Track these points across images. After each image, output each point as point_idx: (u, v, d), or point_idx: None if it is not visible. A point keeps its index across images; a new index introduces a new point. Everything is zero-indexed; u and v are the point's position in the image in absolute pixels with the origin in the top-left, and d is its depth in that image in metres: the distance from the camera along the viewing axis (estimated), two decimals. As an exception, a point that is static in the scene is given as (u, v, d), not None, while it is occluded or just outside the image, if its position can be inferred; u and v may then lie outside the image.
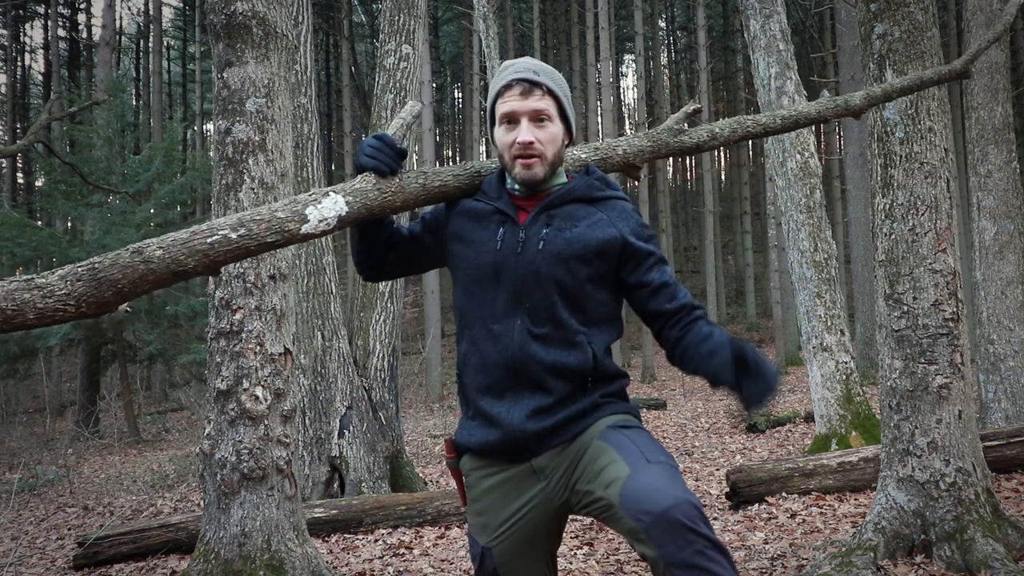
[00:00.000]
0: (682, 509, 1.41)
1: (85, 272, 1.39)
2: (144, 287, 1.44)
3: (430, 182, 1.73)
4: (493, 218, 1.73)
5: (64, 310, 1.37)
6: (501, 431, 1.66)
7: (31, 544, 5.75)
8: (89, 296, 1.38)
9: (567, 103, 1.75)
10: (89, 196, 13.08)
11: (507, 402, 1.66)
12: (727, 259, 32.03)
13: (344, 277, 19.14)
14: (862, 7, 3.70)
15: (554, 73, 1.75)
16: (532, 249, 1.67)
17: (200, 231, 1.49)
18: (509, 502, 1.70)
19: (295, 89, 5.92)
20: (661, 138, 1.87)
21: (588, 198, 1.73)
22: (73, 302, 1.37)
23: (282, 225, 1.54)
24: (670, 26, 37.21)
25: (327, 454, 5.93)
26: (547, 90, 1.70)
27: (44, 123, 9.23)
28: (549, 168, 1.72)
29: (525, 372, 1.65)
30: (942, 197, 3.54)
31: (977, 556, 3.19)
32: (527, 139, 1.67)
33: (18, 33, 31.71)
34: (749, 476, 5.21)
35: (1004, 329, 6.36)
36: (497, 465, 1.70)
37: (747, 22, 7.34)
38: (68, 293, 1.37)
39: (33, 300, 1.34)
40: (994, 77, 6.48)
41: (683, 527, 1.40)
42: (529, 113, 1.69)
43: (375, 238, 1.83)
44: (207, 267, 1.48)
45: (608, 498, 1.51)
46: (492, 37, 12.27)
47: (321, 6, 27.79)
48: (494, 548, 1.72)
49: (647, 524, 1.41)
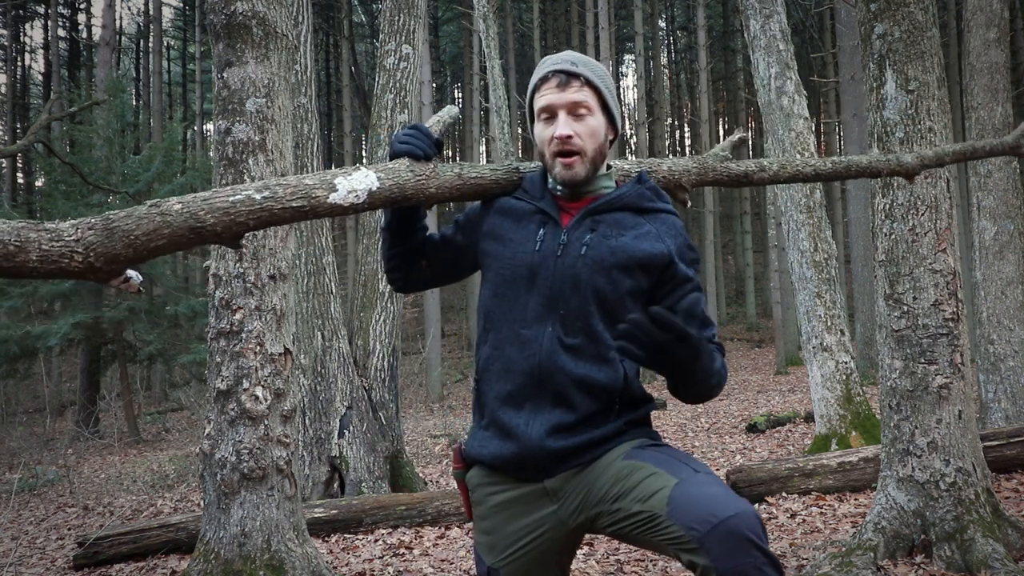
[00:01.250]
0: (746, 521, 1.32)
1: (98, 222, 1.31)
2: (159, 242, 1.33)
3: (466, 173, 1.65)
4: (534, 218, 1.63)
5: (71, 257, 1.27)
6: (517, 445, 1.55)
7: (31, 544, 5.75)
8: (99, 246, 1.28)
9: (609, 95, 1.64)
10: (89, 196, 13.08)
11: (526, 413, 1.55)
12: (727, 259, 32.02)
13: (344, 277, 19.15)
14: (862, 7, 3.70)
15: (595, 64, 1.65)
16: (574, 253, 1.57)
17: (223, 190, 1.42)
18: (519, 524, 1.59)
19: (295, 89, 5.93)
20: (707, 162, 1.81)
21: (638, 207, 1.63)
22: (81, 250, 1.27)
23: (309, 191, 1.46)
24: (670, 26, 37.21)
25: (327, 454, 5.93)
26: (585, 80, 1.61)
27: (44, 123, 9.23)
28: (591, 166, 1.62)
29: (550, 383, 1.54)
30: (942, 197, 3.54)
31: (977, 556, 3.19)
32: (565, 132, 1.58)
33: (18, 33, 31.72)
34: (749, 476, 5.21)
35: (1004, 329, 6.36)
36: (507, 482, 1.60)
37: (747, 22, 7.34)
38: (77, 240, 1.27)
39: (39, 240, 1.25)
40: (994, 77, 6.48)
41: (745, 540, 1.31)
42: (567, 105, 1.59)
43: (407, 242, 1.75)
44: (227, 227, 1.39)
45: (650, 510, 1.41)
46: (492, 37, 12.27)
47: (321, 6, 27.79)
48: (501, 570, 1.62)
49: (702, 533, 1.32)
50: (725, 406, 11.88)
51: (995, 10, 6.50)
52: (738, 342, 23.67)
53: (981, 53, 6.52)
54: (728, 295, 28.41)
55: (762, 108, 7.33)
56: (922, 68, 3.55)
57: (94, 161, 13.16)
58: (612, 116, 1.67)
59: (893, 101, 3.59)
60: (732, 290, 29.71)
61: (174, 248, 1.38)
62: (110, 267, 1.31)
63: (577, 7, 23.80)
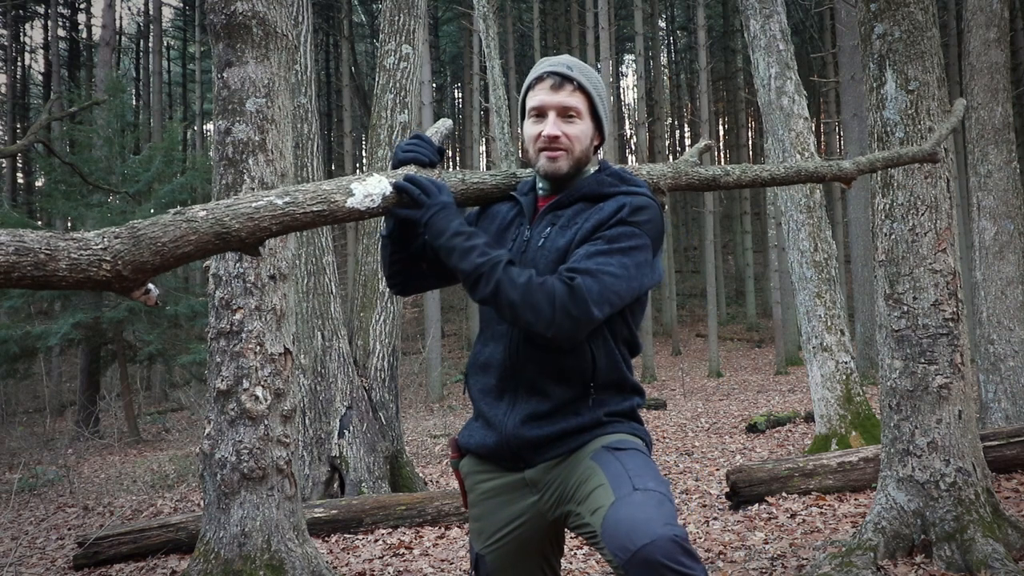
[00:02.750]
0: (660, 547, 1.33)
1: (124, 231, 1.33)
2: (185, 249, 1.36)
3: (468, 179, 1.72)
4: (515, 219, 1.70)
5: (99, 266, 1.28)
6: (496, 434, 1.62)
7: (31, 544, 5.75)
8: (127, 254, 1.31)
9: (600, 102, 1.69)
10: (89, 196, 13.08)
11: (505, 405, 1.63)
12: (727, 259, 32.02)
13: (344, 277, 19.14)
14: (862, 7, 3.70)
15: (590, 71, 1.70)
16: (534, 248, 1.63)
17: (244, 197, 1.46)
18: (503, 511, 1.66)
19: (295, 89, 5.93)
20: (680, 167, 1.90)
21: (598, 195, 1.65)
22: (109, 258, 1.29)
23: (328, 196, 1.51)
24: (670, 26, 37.22)
25: (327, 454, 5.93)
26: (578, 86, 1.65)
27: (44, 123, 9.23)
28: (574, 164, 1.66)
29: (523, 373, 1.61)
30: (942, 197, 3.54)
31: (977, 556, 3.19)
32: (553, 133, 1.63)
33: (18, 33, 31.72)
34: (749, 476, 5.21)
35: (1004, 329, 6.36)
36: (495, 471, 1.67)
37: (747, 22, 7.34)
38: (105, 248, 1.29)
39: (68, 248, 1.27)
40: (994, 77, 6.47)
41: (661, 567, 1.33)
42: (557, 108, 1.64)
43: (408, 247, 1.78)
44: (251, 233, 1.42)
45: (593, 525, 1.46)
46: (492, 37, 12.27)
47: (321, 6, 27.79)
48: (487, 556, 1.69)
49: (624, 561, 1.35)
50: (725, 406, 11.89)
51: (995, 10, 6.50)
52: (738, 342, 23.67)
53: (981, 53, 6.52)
54: (728, 295, 28.40)
55: (762, 108, 7.33)
56: (922, 68, 3.55)
57: (94, 161, 13.15)
58: (600, 123, 1.71)
59: (893, 101, 3.59)
60: (732, 290, 29.70)
61: (201, 255, 1.40)
62: (136, 276, 1.33)
63: (577, 7, 23.79)
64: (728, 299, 28.12)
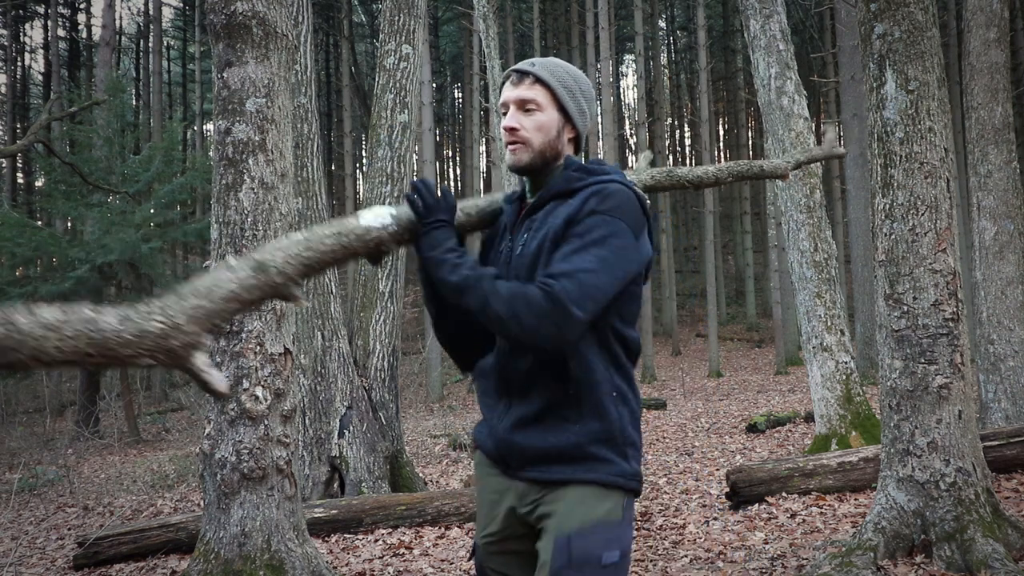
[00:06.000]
0: None
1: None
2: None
3: (469, 207, 1.77)
4: (503, 231, 1.75)
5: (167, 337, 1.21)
6: (493, 438, 1.68)
7: (31, 544, 5.75)
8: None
9: (564, 94, 1.69)
10: (89, 196, 13.08)
11: (500, 409, 1.67)
12: (727, 259, 32.03)
13: (344, 277, 19.13)
14: (862, 7, 3.70)
15: (557, 66, 1.71)
16: (515, 255, 1.65)
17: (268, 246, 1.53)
18: (494, 509, 1.72)
19: (295, 89, 5.92)
20: (640, 176, 2.11)
21: (567, 191, 1.64)
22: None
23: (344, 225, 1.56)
24: (670, 26, 37.22)
25: (327, 454, 5.93)
26: (536, 79, 1.68)
27: (44, 123, 9.23)
28: (537, 156, 1.67)
29: (512, 378, 1.63)
30: (942, 197, 3.54)
31: (977, 556, 3.19)
32: (510, 124, 1.67)
33: (18, 33, 31.73)
34: (749, 476, 5.21)
35: (1004, 329, 6.36)
36: (494, 470, 1.72)
37: (747, 22, 7.34)
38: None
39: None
40: (994, 77, 6.47)
41: None
42: (516, 101, 1.68)
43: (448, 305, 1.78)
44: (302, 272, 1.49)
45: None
46: (492, 37, 12.27)
47: (321, 6, 27.79)
48: (480, 547, 1.75)
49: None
50: (725, 406, 11.89)
51: (995, 10, 6.50)
52: (738, 342, 23.67)
53: (981, 53, 6.52)
54: (728, 295, 28.40)
55: (762, 108, 7.33)
56: (922, 68, 3.55)
57: (94, 161, 13.15)
58: (569, 115, 1.71)
59: (893, 101, 3.59)
60: (732, 290, 29.70)
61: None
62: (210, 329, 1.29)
63: (577, 7, 23.79)
64: (728, 299, 28.12)
